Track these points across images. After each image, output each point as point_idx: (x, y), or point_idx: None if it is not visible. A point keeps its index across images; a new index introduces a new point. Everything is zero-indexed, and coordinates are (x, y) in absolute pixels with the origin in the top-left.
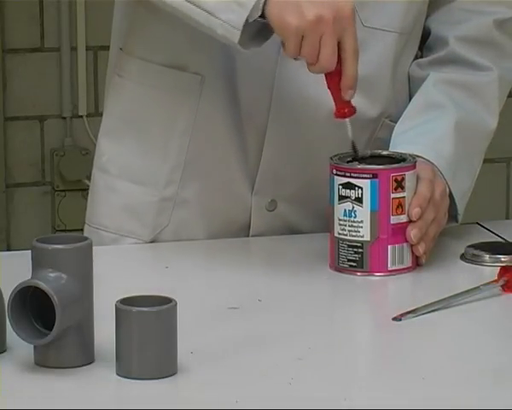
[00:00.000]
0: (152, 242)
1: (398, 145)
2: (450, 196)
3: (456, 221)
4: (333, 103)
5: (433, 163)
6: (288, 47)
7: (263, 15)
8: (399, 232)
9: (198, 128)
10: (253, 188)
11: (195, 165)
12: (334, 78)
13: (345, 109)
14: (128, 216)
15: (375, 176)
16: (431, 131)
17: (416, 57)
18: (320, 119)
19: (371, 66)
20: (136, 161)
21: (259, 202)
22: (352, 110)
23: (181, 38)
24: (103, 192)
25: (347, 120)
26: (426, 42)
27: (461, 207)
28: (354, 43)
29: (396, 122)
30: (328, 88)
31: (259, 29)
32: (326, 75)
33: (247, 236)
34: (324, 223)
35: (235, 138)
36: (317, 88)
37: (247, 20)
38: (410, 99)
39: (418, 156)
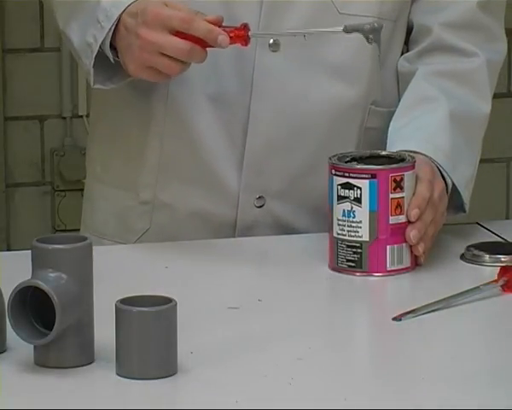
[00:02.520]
0: None
1: (394, 143)
2: (453, 187)
3: (464, 211)
4: (309, 91)
5: (430, 157)
6: (154, 80)
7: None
8: (398, 232)
9: (170, 130)
10: (239, 184)
11: (172, 167)
12: (204, 43)
13: (237, 35)
14: (115, 221)
15: (373, 176)
16: (426, 126)
17: (403, 52)
18: (302, 109)
19: (349, 51)
20: (119, 165)
21: (247, 199)
22: (237, 28)
23: None
24: (98, 200)
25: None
26: (410, 35)
27: (466, 196)
28: (179, 22)
29: (384, 108)
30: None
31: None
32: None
33: (234, 233)
34: (316, 219)
35: (213, 138)
36: (298, 77)
37: (97, 64)
38: (398, 88)
39: (415, 152)
